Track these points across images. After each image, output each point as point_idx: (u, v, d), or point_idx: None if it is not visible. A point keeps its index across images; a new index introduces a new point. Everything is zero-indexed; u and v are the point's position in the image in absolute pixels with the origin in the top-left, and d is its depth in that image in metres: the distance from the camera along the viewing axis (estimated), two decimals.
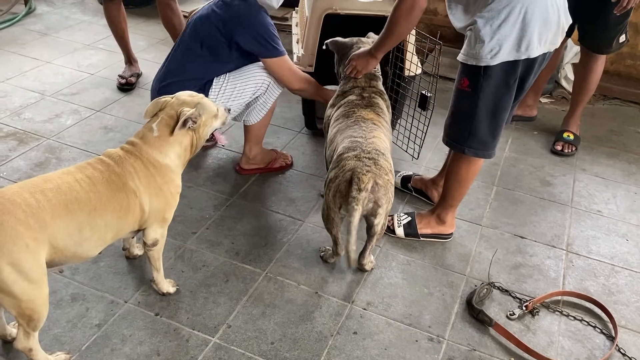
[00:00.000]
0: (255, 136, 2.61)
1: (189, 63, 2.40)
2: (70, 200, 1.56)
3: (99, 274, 2.06)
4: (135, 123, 3.03)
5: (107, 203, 1.64)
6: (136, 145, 1.76)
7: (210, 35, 2.34)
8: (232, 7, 2.33)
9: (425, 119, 2.53)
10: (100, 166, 1.68)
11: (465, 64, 1.95)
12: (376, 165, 1.87)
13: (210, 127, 1.88)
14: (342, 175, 1.88)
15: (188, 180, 2.61)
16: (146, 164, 1.74)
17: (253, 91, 2.45)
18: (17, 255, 1.42)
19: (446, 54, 2.48)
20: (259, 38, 2.32)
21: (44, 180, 1.57)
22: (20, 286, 1.45)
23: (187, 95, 1.84)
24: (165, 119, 1.77)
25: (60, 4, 4.64)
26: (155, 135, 1.76)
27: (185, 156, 1.84)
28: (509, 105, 2.02)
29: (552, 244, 2.38)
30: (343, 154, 1.93)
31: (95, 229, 1.62)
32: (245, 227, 2.36)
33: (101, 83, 3.44)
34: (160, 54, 3.86)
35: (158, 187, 1.76)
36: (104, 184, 1.65)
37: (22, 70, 3.51)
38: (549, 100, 3.60)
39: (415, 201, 2.59)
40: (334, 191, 1.91)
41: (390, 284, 2.12)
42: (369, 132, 2.00)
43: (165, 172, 1.78)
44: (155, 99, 1.85)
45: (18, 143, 2.80)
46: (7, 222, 1.42)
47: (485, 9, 1.84)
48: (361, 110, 2.13)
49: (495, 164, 2.86)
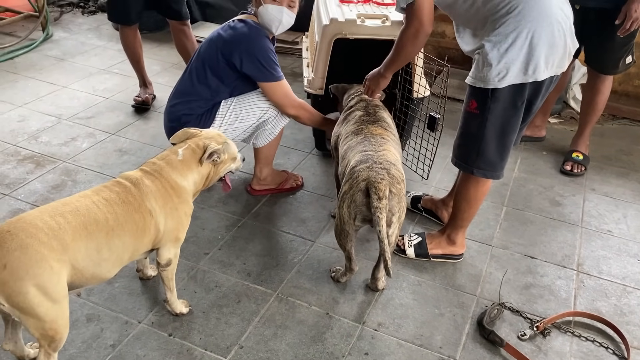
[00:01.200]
0: (265, 157, 2.66)
1: (196, 85, 2.46)
2: (89, 221, 1.61)
3: (113, 295, 2.09)
4: (149, 146, 3.09)
5: (124, 224, 1.68)
6: (157, 166, 1.83)
7: (212, 56, 2.40)
8: (235, 29, 2.40)
9: (434, 140, 2.57)
10: (116, 188, 1.74)
11: (473, 87, 1.99)
12: (389, 174, 1.90)
13: (227, 168, 2.00)
14: (356, 185, 1.91)
15: (201, 201, 2.66)
16: (165, 184, 1.80)
17: (258, 116, 2.51)
18: (42, 277, 1.47)
19: (454, 75, 2.52)
20: (256, 62, 2.35)
21: (63, 204, 1.62)
22: (44, 307, 1.49)
23: (215, 133, 1.97)
24: (193, 147, 1.88)
25: (77, 29, 4.77)
26: (180, 159, 1.85)
27: (199, 185, 1.93)
28: (517, 127, 2.04)
29: (563, 264, 2.38)
30: (355, 166, 1.96)
31: (113, 249, 1.66)
32: (256, 247, 2.39)
33: (116, 107, 3.51)
34: (173, 77, 3.93)
35: (174, 207, 1.82)
36: (121, 205, 1.70)
37: (39, 95, 3.60)
38: (558, 120, 3.62)
39: (425, 221, 2.60)
40: (348, 202, 1.94)
41: (401, 304, 2.13)
42: (379, 146, 2.05)
43: (182, 193, 1.85)
44: (186, 128, 1.96)
45: (35, 166, 2.87)
46: (31, 245, 1.47)
47: (492, 33, 1.88)
48: (369, 127, 2.17)
49: (505, 184, 2.87)
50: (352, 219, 1.95)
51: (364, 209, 1.91)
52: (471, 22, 1.99)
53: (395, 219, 1.92)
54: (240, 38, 2.36)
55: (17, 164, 2.87)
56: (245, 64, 2.36)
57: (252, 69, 2.37)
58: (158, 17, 3.62)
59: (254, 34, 2.37)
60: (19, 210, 2.53)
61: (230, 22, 2.45)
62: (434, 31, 3.99)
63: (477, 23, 1.95)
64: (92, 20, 4.97)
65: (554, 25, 1.84)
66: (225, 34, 2.40)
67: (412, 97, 2.73)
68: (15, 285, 1.43)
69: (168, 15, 3.31)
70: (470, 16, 1.97)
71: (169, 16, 3.32)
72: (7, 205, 2.56)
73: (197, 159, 1.87)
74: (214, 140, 1.92)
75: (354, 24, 2.63)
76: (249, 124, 2.52)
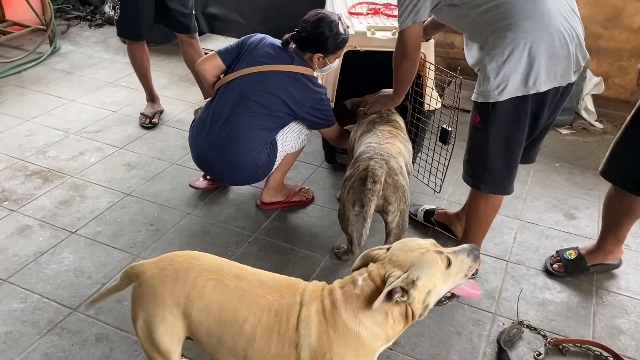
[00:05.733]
0: (286, 163, 2.64)
1: (258, 134, 2.43)
2: (226, 309, 1.43)
3: (123, 314, 2.06)
4: (158, 160, 3.06)
5: (257, 336, 1.41)
6: (333, 294, 1.42)
7: (281, 110, 2.43)
8: (304, 87, 2.42)
9: (447, 153, 2.53)
10: (278, 295, 1.44)
11: (476, 102, 1.97)
12: (387, 165, 2.05)
13: (438, 293, 1.42)
14: (356, 174, 2.07)
15: (210, 216, 2.63)
16: (329, 320, 1.38)
17: (299, 130, 2.59)
18: (154, 320, 1.47)
19: (466, 86, 2.49)
20: (320, 118, 2.51)
21: (219, 270, 1.49)
22: (144, 344, 1.51)
23: (403, 250, 1.42)
24: (373, 276, 1.40)
25: (84, 43, 4.77)
26: (357, 292, 1.39)
27: (395, 328, 1.39)
28: (522, 141, 2.00)
29: (580, 280, 2.33)
30: (359, 156, 2.14)
31: (232, 348, 1.44)
32: (267, 263, 2.35)
33: (124, 120, 3.50)
34: (181, 90, 3.93)
35: (326, 356, 1.36)
36: (269, 313, 1.41)
37: (47, 109, 3.59)
38: (570, 131, 3.58)
39: (438, 236, 2.56)
40: (348, 188, 2.11)
41: (417, 323, 2.07)
42: (384, 139, 2.22)
43: (349, 341, 1.36)
44: (366, 251, 1.50)
45: (43, 181, 2.84)
46: (160, 291, 1.46)
47: (491, 46, 1.86)
48: (380, 125, 2.34)
49: (518, 197, 2.83)
50: (351, 205, 2.11)
51: (362, 196, 2.04)
52: (475, 36, 1.97)
53: (392, 208, 2.06)
54: (310, 99, 2.44)
55: (24, 179, 2.85)
56: (309, 120, 2.52)
57: (315, 123, 2.55)
58: (165, 30, 3.61)
59: (321, 94, 2.47)
60: (27, 227, 2.50)
61: (292, 73, 2.41)
62: (443, 42, 3.98)
63: (480, 37, 1.93)
64: (100, 33, 4.97)
65: (554, 35, 1.81)
66: (294, 90, 2.41)
67: (424, 109, 2.70)
68: (132, 310, 1.52)
69: (176, 29, 3.29)
70: (473, 30, 1.96)
71: (177, 30, 3.30)
72: (15, 222, 2.54)
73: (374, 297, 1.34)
74: (398, 265, 1.37)
75: (364, 36, 2.61)
76: (294, 139, 2.59)
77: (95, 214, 2.61)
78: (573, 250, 2.36)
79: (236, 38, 2.47)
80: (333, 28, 2.36)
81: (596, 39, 3.55)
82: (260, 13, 4.52)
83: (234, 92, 2.43)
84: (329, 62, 2.46)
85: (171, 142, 3.26)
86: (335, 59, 2.50)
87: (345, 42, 2.44)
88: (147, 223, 2.56)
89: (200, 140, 2.48)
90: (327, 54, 2.42)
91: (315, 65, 2.45)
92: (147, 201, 2.71)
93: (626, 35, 3.54)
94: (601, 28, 3.55)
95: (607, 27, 3.55)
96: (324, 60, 2.43)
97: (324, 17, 2.37)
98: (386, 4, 3.04)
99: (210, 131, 2.44)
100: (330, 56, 2.44)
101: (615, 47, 3.59)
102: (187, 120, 3.40)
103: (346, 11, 2.92)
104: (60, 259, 2.33)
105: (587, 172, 3.12)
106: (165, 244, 2.43)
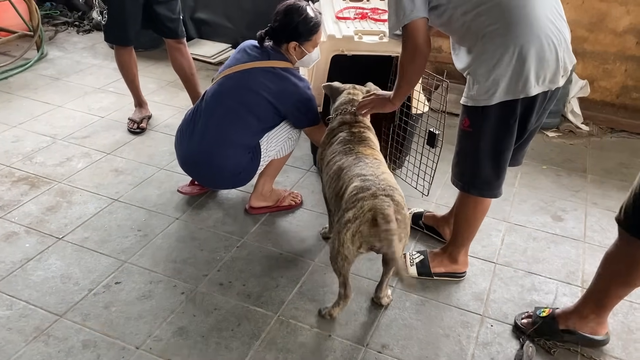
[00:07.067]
0: (274, 168, 2.64)
1: (239, 136, 2.42)
2: None
3: (110, 320, 2.04)
4: (146, 165, 3.05)
5: None
6: None
7: (261, 106, 2.40)
8: (285, 81, 2.40)
9: (434, 156, 2.54)
10: None
11: (465, 106, 1.98)
12: (394, 201, 1.86)
13: None
14: (362, 216, 1.84)
15: (198, 221, 2.62)
16: None
17: (287, 135, 2.56)
18: None
19: (452, 90, 2.51)
20: (304, 115, 2.48)
21: None
22: None
23: None
24: None
25: (72, 48, 4.75)
26: None
27: None
28: (511, 144, 2.01)
29: (568, 281, 2.34)
30: (358, 193, 1.89)
31: None
32: (256, 268, 2.34)
33: (112, 126, 3.48)
34: (169, 95, 3.92)
35: None
36: None
37: (34, 115, 3.57)
38: (556, 134, 3.61)
39: (427, 239, 2.57)
40: (353, 231, 1.86)
41: (405, 325, 2.08)
42: (377, 169, 2.00)
43: None
44: None
45: (30, 187, 2.82)
46: None
47: (481, 50, 1.87)
48: (357, 147, 2.14)
49: (506, 199, 2.84)
50: (356, 247, 1.88)
51: (371, 239, 1.85)
52: (464, 41, 1.98)
53: (401, 245, 1.88)
54: (292, 92, 2.42)
55: (11, 186, 2.83)
56: (293, 116, 2.48)
57: (300, 120, 2.50)
58: (153, 36, 3.59)
59: (303, 88, 2.43)
60: (13, 234, 2.48)
61: (270, 68, 2.40)
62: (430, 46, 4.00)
63: (470, 41, 1.93)
64: (87, 39, 4.95)
65: (542, 40, 1.82)
66: (273, 85, 2.38)
67: (411, 113, 2.71)
68: None
69: (164, 34, 3.29)
70: (462, 34, 1.96)
71: (165, 35, 3.30)
72: (1, 228, 2.51)
73: None
74: None
75: (351, 40, 2.62)
76: (281, 144, 2.56)
77: (83, 220, 2.59)
78: (548, 309, 2.09)
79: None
80: (302, 12, 2.35)
81: (582, 42, 3.59)
82: (249, 18, 4.53)
83: (215, 94, 2.46)
84: (307, 51, 2.43)
85: (159, 147, 3.25)
86: (313, 47, 2.45)
87: (318, 26, 2.40)
88: (135, 228, 2.55)
89: (185, 144, 2.50)
90: (301, 40, 2.39)
91: (293, 56, 2.43)
92: (135, 206, 2.69)
93: (611, 38, 3.58)
94: (586, 32, 3.59)
95: (592, 31, 3.59)
96: (300, 49, 2.41)
97: (292, 5, 2.38)
98: (373, 8, 3.06)
99: (193, 135, 2.46)
100: (306, 43, 2.40)
101: (601, 50, 3.63)
102: (175, 125, 3.36)
103: (334, 16, 2.93)
104: (46, 265, 2.31)
105: (574, 174, 3.15)
106: (154, 250, 2.42)
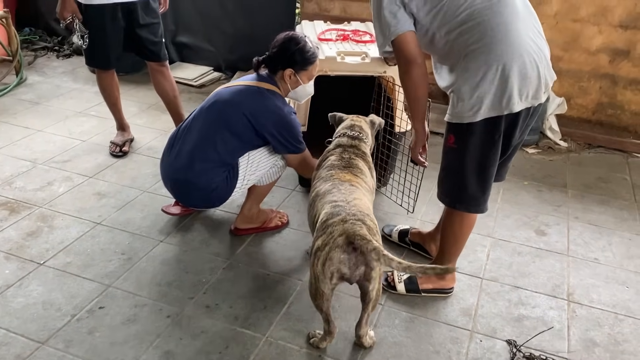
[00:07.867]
0: (259, 194, 2.62)
1: (214, 150, 2.37)
2: None
3: (94, 345, 1.99)
4: (129, 188, 3.02)
5: None
6: None
7: (240, 123, 2.35)
8: (268, 101, 2.37)
9: (419, 173, 2.57)
10: None
11: (450, 123, 2.01)
12: (365, 225, 1.78)
13: None
14: (332, 242, 1.76)
15: (183, 243, 2.59)
16: None
17: (272, 163, 2.51)
18: None
19: (433, 109, 2.55)
20: (286, 142, 2.41)
21: None
22: None
23: None
24: None
25: (52, 73, 4.71)
26: None
27: None
28: (496, 160, 2.05)
29: (554, 294, 2.36)
30: (327, 220, 1.82)
31: None
32: (242, 289, 2.32)
33: (93, 149, 3.44)
34: (151, 118, 3.91)
35: None
36: None
37: (13, 140, 3.52)
38: (536, 150, 3.67)
39: (413, 255, 2.57)
40: (323, 259, 1.77)
41: (395, 343, 2.07)
42: (349, 195, 1.93)
43: None
44: None
45: (9, 213, 2.76)
46: None
47: (464, 68, 1.91)
48: (338, 173, 2.08)
49: (490, 215, 2.87)
50: (328, 278, 1.79)
51: (341, 267, 1.77)
52: (447, 59, 2.02)
53: (374, 274, 1.79)
54: (272, 112, 2.37)
55: None
56: (273, 138, 2.39)
57: (280, 144, 2.42)
58: (135, 59, 3.59)
59: (284, 111, 2.39)
60: None
61: (255, 87, 2.40)
62: None
63: (453, 60, 1.97)
64: (68, 64, 4.93)
65: (524, 57, 1.86)
66: (255, 103, 2.36)
67: (395, 131, 2.74)
68: None
69: (147, 57, 3.29)
70: (445, 53, 2.00)
71: (147, 58, 3.29)
72: None
73: None
74: None
75: (334, 61, 2.65)
76: (264, 171, 2.51)
77: (65, 245, 2.54)
78: None
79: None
80: (300, 41, 2.36)
81: (557, 61, 3.68)
82: (230, 42, 4.56)
83: (198, 111, 2.48)
84: (302, 82, 2.41)
85: (142, 170, 3.22)
86: (308, 79, 2.44)
87: (315, 57, 2.40)
88: (119, 252, 2.51)
89: (166, 160, 2.50)
90: (297, 68, 2.37)
91: (287, 85, 2.42)
92: (118, 230, 2.65)
93: (585, 57, 3.69)
94: (561, 51, 3.70)
95: (567, 50, 3.70)
96: (296, 77, 2.39)
97: (292, 36, 2.39)
98: (354, 30, 3.11)
99: (172, 149, 2.46)
100: (302, 73, 2.39)
101: (576, 68, 3.73)
102: (158, 147, 3.37)
103: (316, 37, 2.97)
104: (27, 291, 2.25)
105: (555, 190, 3.20)
106: (138, 273, 2.38)
